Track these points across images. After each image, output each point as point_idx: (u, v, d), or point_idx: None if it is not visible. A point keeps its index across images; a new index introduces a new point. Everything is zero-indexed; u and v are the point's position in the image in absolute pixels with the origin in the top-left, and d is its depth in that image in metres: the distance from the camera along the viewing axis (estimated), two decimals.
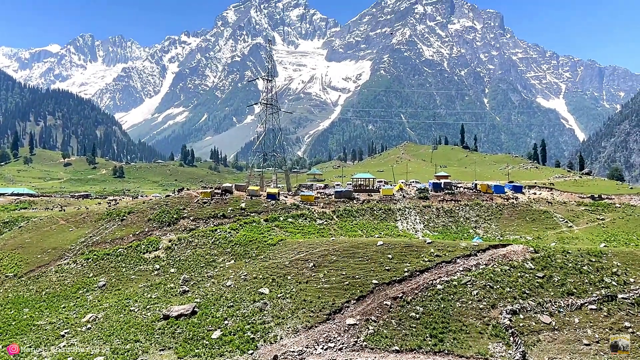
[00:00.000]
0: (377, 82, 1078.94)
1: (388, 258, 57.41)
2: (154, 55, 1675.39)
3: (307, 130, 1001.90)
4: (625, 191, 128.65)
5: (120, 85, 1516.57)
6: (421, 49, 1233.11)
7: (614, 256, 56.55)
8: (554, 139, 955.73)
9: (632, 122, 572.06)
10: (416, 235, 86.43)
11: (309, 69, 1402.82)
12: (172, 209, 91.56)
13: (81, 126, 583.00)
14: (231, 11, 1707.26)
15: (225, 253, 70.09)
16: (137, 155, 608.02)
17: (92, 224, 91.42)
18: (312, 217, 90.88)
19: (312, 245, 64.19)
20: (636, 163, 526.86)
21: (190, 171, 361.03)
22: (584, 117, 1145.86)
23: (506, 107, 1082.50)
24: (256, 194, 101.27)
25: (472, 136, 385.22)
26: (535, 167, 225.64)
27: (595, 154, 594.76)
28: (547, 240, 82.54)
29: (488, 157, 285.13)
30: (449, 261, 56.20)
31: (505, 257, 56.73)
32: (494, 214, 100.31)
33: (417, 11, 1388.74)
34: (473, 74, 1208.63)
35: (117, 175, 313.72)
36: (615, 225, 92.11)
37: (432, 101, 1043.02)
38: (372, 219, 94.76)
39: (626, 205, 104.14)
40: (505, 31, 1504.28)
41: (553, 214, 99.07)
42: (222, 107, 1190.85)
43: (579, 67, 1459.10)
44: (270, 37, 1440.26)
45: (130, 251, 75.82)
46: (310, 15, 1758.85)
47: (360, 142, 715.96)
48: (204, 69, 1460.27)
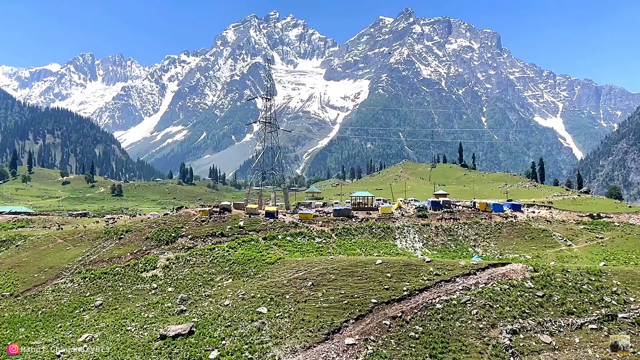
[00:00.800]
0: (376, 100, 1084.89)
1: (387, 277, 57.09)
2: (154, 74, 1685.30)
3: (306, 148, 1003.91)
4: (624, 210, 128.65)
5: (120, 104, 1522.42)
6: (419, 68, 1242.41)
7: (613, 275, 56.32)
8: (552, 158, 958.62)
9: (629, 141, 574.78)
10: (415, 254, 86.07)
11: (308, 87, 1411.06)
12: (170, 228, 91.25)
13: (80, 145, 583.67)
14: (230, 31, 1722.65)
15: (223, 272, 69.68)
16: (136, 173, 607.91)
17: (89, 242, 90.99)
18: (310, 236, 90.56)
19: (310, 264, 63.86)
20: (634, 182, 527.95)
21: (189, 189, 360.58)
22: (582, 136, 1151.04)
23: (504, 125, 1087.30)
24: (255, 212, 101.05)
25: (471, 154, 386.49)
26: (533, 185, 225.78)
27: (594, 173, 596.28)
28: (547, 259, 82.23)
29: (486, 176, 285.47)
30: (448, 280, 55.89)
31: (505, 276, 56.46)
32: (493, 232, 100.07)
33: (415, 31, 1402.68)
34: (471, 92, 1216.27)
35: (116, 193, 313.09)
36: (614, 244, 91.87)
37: (430, 120, 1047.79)
38: (370, 237, 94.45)
39: (625, 224, 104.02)
40: (502, 51, 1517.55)
41: (552, 232, 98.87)
42: (221, 125, 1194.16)
43: (576, 86, 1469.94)
44: (270, 56, 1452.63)
45: (127, 270, 75.34)
46: (309, 35, 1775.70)
47: (358, 161, 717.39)
48: (204, 88, 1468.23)
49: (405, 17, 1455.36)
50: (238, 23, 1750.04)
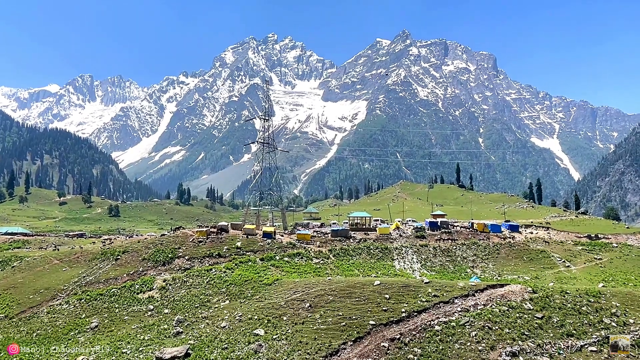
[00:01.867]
0: (373, 121, 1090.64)
1: (385, 298, 56.76)
2: (152, 95, 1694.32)
3: (304, 168, 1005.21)
4: (622, 230, 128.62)
5: (118, 125, 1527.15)
6: (416, 90, 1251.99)
7: (612, 296, 56.08)
8: (549, 178, 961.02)
9: (626, 162, 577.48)
10: (413, 275, 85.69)
11: (306, 108, 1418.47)
12: (167, 248, 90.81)
13: (78, 165, 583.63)
14: (229, 52, 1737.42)
15: (220, 293, 69.19)
16: (133, 194, 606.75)
17: (85, 263, 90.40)
18: (308, 256, 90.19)
19: (308, 285, 63.50)
20: (631, 202, 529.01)
21: (186, 210, 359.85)
22: (578, 157, 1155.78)
23: (501, 146, 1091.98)
24: (252, 233, 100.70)
25: (468, 175, 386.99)
26: (531, 206, 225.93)
27: (591, 194, 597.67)
28: (545, 280, 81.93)
29: (484, 196, 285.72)
30: (446, 301, 55.58)
31: (504, 297, 56.18)
32: (491, 253, 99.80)
33: (412, 53, 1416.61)
34: (467, 113, 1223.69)
35: (113, 214, 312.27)
36: (612, 265, 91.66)
37: (427, 140, 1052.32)
38: (368, 258, 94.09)
39: (623, 245, 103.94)
40: (499, 72, 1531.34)
41: (550, 253, 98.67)
42: (219, 146, 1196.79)
43: (572, 107, 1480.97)
44: (268, 77, 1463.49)
45: (123, 291, 74.76)
46: (307, 56, 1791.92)
47: (356, 181, 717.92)
48: (202, 109, 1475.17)
49: (402, 39, 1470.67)
50: (237, 45, 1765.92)
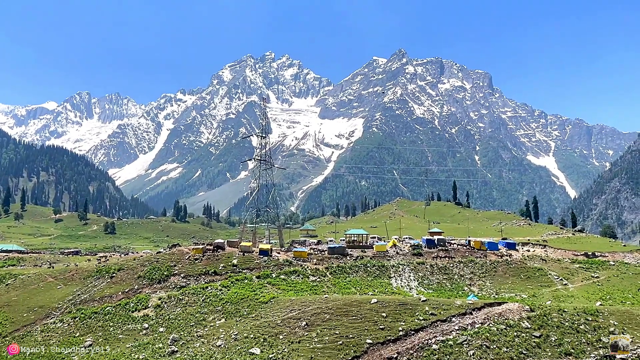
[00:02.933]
0: (370, 139, 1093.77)
1: (382, 317, 56.41)
2: (150, 112, 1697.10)
3: (301, 185, 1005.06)
4: (619, 248, 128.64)
5: (115, 142, 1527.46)
6: (412, 107, 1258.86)
7: (610, 315, 55.85)
8: (546, 196, 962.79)
9: (622, 180, 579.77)
10: (410, 293, 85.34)
11: (303, 126, 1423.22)
12: (162, 266, 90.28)
13: (74, 182, 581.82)
14: (227, 70, 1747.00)
15: (215, 311, 68.69)
16: (130, 211, 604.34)
17: (80, 281, 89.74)
18: (305, 274, 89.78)
19: (304, 303, 63.11)
20: (628, 220, 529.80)
21: (183, 227, 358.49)
22: (574, 175, 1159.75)
23: (497, 164, 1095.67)
24: (248, 250, 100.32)
25: (465, 192, 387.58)
26: (528, 224, 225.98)
27: (587, 211, 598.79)
28: (543, 299, 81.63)
29: (481, 214, 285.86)
30: (444, 320, 55.26)
31: (501, 315, 55.90)
32: (489, 271, 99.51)
33: (408, 71, 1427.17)
34: (464, 131, 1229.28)
35: (109, 231, 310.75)
36: (610, 284, 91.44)
37: (424, 158, 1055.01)
38: (365, 275, 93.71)
39: (620, 263, 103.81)
40: (494, 91, 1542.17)
41: (548, 271, 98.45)
42: (216, 163, 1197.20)
43: (567, 125, 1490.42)
44: (265, 95, 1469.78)
45: (118, 309, 74.16)
46: (304, 74, 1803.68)
47: (353, 198, 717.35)
48: (199, 126, 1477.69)
49: (399, 58, 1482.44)
50: (234, 63, 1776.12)
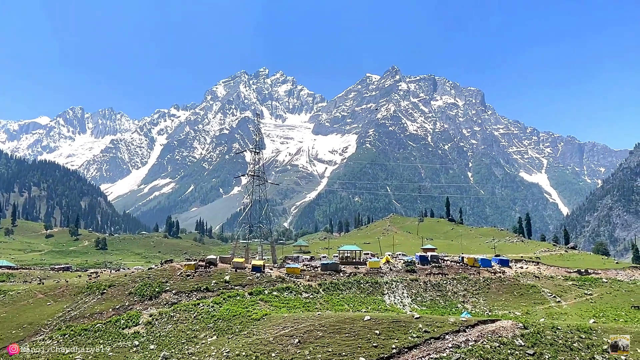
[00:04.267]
0: (363, 155, 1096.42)
1: (375, 334, 55.99)
2: (143, 127, 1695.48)
3: (294, 201, 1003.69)
4: (611, 266, 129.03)
5: (108, 157, 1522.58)
6: (405, 124, 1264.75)
7: (603, 332, 55.71)
8: (538, 213, 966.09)
9: (614, 197, 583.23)
10: (404, 310, 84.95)
11: (296, 141, 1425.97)
12: (154, 282, 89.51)
13: (66, 197, 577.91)
14: (221, 86, 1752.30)
15: (207, 328, 67.99)
16: (121, 226, 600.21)
17: (70, 297, 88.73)
18: (297, 291, 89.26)
19: (297, 320, 62.60)
20: (620, 238, 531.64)
21: (175, 243, 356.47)
22: (567, 192, 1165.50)
23: (490, 181, 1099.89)
24: (241, 267, 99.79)
25: (458, 209, 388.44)
26: (521, 240, 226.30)
27: (580, 228, 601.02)
28: (536, 316, 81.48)
29: (474, 230, 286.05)
30: (437, 337, 54.91)
31: (495, 333, 55.62)
32: (482, 288, 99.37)
33: (401, 88, 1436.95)
34: (457, 148, 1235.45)
35: (100, 246, 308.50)
36: (603, 301, 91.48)
37: (417, 174, 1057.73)
38: (359, 292, 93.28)
39: (613, 280, 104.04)
40: (487, 108, 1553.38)
41: (541, 288, 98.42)
42: (209, 178, 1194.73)
43: (559, 142, 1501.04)
44: (259, 111, 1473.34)
45: (109, 326, 73.25)
46: (298, 90, 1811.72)
47: (346, 214, 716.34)
48: (192, 141, 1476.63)
49: (392, 75, 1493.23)
50: (228, 79, 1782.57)
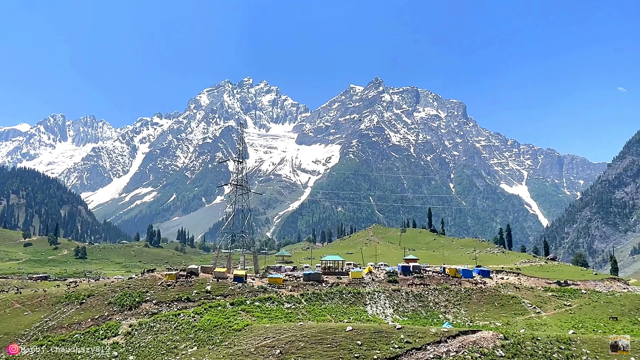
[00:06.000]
0: (346, 165, 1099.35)
1: (357, 345, 55.93)
2: (125, 135, 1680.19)
3: (277, 211, 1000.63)
4: (590, 277, 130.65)
5: (89, 165, 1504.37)
6: (388, 135, 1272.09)
7: (582, 343, 56.34)
8: (519, 224, 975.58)
9: (592, 209, 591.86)
10: (386, 320, 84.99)
11: (280, 151, 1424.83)
12: (134, 292, 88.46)
13: (45, 205, 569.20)
14: (204, 95, 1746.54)
15: (188, 339, 67.29)
16: (102, 235, 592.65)
17: (48, 307, 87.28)
18: (279, 301, 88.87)
19: (279, 331, 62.28)
20: (599, 249, 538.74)
21: (156, 252, 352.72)
22: (546, 203, 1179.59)
23: (471, 192, 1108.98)
24: (223, 276, 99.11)
25: (440, 220, 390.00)
26: (501, 251, 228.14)
27: (559, 240, 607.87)
28: (517, 327, 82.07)
29: (455, 241, 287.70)
30: (419, 348, 55.04)
31: (476, 343, 55.92)
32: (463, 298, 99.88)
33: (384, 99, 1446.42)
34: (439, 159, 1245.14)
35: (79, 255, 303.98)
36: (582, 312, 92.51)
37: (399, 185, 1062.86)
38: (341, 302, 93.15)
39: (592, 292, 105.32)
40: (468, 120, 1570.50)
41: (521, 299, 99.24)
42: (192, 187, 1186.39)
43: (540, 155, 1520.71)
44: (242, 120, 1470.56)
45: (87, 337, 72.14)
46: (282, 100, 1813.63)
47: (329, 224, 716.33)
48: (175, 150, 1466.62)
49: (375, 86, 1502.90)
50: (212, 88, 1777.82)
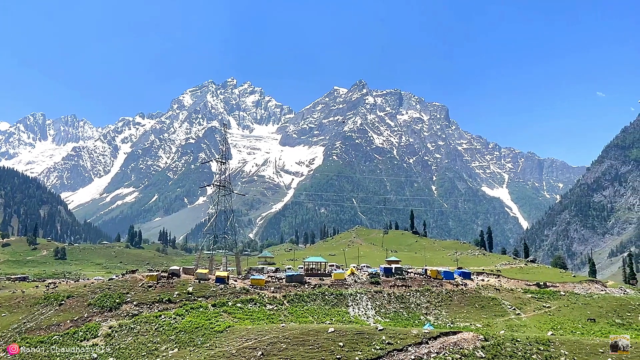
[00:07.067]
0: (330, 167, 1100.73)
1: (339, 346, 56.06)
2: (107, 135, 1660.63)
3: (260, 212, 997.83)
4: (569, 279, 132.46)
5: (69, 165, 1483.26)
6: (372, 137, 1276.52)
7: (561, 345, 57.14)
8: (499, 227, 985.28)
9: (571, 212, 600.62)
10: (368, 322, 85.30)
11: (263, 152, 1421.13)
12: (114, 293, 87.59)
13: (24, 205, 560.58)
14: (187, 95, 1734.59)
15: (169, 341, 66.81)
16: (82, 236, 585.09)
17: (27, 308, 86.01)
18: (262, 302, 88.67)
19: (261, 332, 62.16)
20: (577, 251, 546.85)
21: (137, 253, 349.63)
22: (527, 206, 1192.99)
23: (453, 194, 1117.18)
24: (205, 278, 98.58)
25: (422, 222, 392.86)
26: (482, 253, 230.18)
27: (539, 242, 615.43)
28: (497, 328, 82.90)
29: (437, 243, 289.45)
30: (400, 349, 55.35)
31: (456, 345, 56.41)
32: (444, 300, 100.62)
33: (368, 102, 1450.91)
34: (421, 162, 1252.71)
35: (59, 256, 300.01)
36: (561, 313, 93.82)
37: (382, 187, 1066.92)
38: (323, 304, 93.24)
39: (570, 294, 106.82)
40: (451, 123, 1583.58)
41: (501, 301, 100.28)
42: (174, 188, 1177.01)
43: (520, 158, 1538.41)
44: (226, 121, 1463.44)
45: (66, 338, 71.23)
46: (266, 101, 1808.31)
47: (312, 225, 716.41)
48: (157, 150, 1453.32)
49: (359, 89, 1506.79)
50: (195, 88, 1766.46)
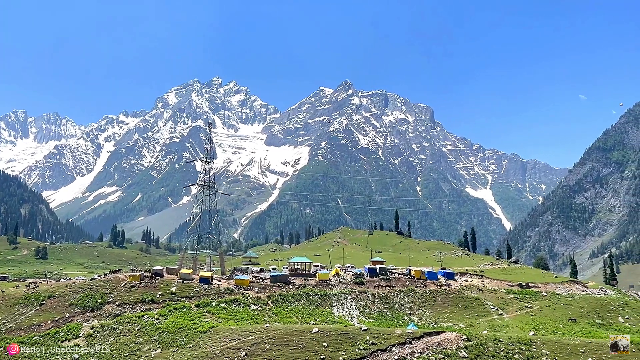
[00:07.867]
0: (315, 167, 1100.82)
1: (323, 346, 56.04)
2: (90, 133, 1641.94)
3: (245, 212, 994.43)
4: (551, 280, 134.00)
5: (51, 163, 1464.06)
6: (357, 138, 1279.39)
7: (542, 345, 57.73)
8: (483, 228, 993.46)
9: (553, 214, 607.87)
10: (352, 322, 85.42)
11: (249, 152, 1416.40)
12: (96, 293, 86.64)
13: (4, 204, 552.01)
14: (172, 94, 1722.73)
15: (151, 341, 66.25)
16: (64, 235, 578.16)
17: (6, 309, 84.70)
18: (246, 303, 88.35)
19: (245, 333, 61.91)
20: (559, 252, 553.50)
21: (120, 253, 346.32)
22: (510, 207, 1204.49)
23: (437, 195, 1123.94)
24: (188, 278, 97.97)
25: (406, 222, 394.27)
26: (466, 254, 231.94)
27: (522, 243, 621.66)
28: (479, 328, 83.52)
29: (421, 244, 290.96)
30: (384, 349, 55.50)
31: (440, 345, 56.71)
32: (428, 300, 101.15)
33: (354, 102, 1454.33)
34: (406, 163, 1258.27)
35: (40, 256, 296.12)
36: (542, 314, 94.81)
37: (367, 187, 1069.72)
38: (308, 304, 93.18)
39: (552, 294, 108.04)
40: (435, 124, 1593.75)
41: (484, 301, 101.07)
42: (158, 187, 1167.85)
43: (504, 160, 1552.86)
44: (211, 120, 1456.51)
45: (47, 339, 70.23)
46: (251, 101, 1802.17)
47: (297, 226, 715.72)
48: (141, 149, 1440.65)
49: (345, 89, 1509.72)
50: (180, 86, 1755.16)
